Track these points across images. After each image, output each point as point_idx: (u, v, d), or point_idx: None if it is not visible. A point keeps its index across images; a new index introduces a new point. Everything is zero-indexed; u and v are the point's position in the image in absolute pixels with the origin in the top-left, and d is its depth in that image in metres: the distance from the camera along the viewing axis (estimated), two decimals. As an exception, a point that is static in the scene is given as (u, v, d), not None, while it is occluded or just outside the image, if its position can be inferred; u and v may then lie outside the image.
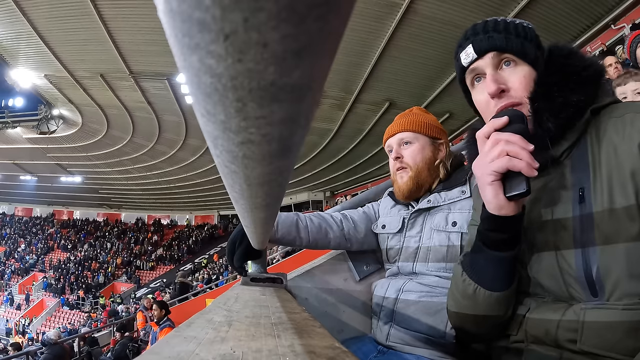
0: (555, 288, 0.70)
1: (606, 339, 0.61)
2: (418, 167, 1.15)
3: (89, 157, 20.11)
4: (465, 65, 0.80)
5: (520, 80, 0.75)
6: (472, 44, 0.78)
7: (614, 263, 0.62)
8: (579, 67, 0.73)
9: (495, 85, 0.74)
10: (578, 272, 0.66)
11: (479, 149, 0.71)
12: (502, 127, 0.69)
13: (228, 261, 1.06)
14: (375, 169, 17.61)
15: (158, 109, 13.99)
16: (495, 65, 0.76)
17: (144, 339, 7.49)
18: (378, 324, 1.12)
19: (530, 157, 0.64)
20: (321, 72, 0.17)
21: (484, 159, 0.69)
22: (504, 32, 0.76)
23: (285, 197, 0.49)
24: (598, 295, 0.64)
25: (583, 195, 0.67)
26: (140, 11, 8.68)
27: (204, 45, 0.14)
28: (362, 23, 8.31)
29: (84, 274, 23.91)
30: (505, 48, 0.75)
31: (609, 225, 0.64)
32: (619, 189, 0.64)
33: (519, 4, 7.66)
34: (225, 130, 0.19)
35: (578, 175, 0.69)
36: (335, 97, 11.79)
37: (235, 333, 0.41)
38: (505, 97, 0.75)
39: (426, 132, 1.18)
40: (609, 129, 0.69)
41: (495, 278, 0.73)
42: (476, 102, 0.82)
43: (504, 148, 0.66)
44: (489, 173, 0.67)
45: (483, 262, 0.74)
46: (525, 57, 0.76)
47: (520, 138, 0.66)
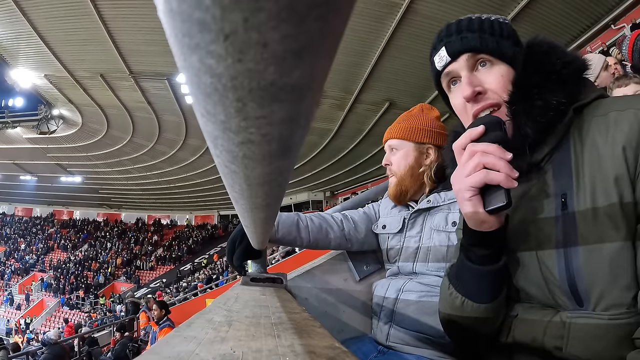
0: (542, 296, 0.68)
1: (592, 347, 0.60)
2: (402, 174, 1.17)
3: (89, 157, 20.11)
4: (440, 69, 0.77)
5: (497, 80, 0.71)
6: (445, 46, 0.75)
7: (598, 272, 0.60)
8: (558, 65, 0.68)
9: (470, 88, 0.71)
10: (562, 282, 0.64)
11: (457, 160, 0.68)
12: (478, 137, 0.65)
13: (228, 261, 1.06)
14: (375, 169, 17.62)
15: (158, 109, 13.99)
16: (470, 67, 0.73)
17: (143, 339, 7.49)
18: (378, 324, 1.12)
19: (508, 168, 0.61)
20: (321, 72, 0.17)
21: (460, 172, 0.65)
22: (479, 31, 0.72)
23: (285, 197, 0.49)
24: (584, 305, 0.62)
25: (565, 202, 0.64)
26: (140, 11, 8.68)
27: (204, 45, 0.14)
28: (362, 23, 8.31)
29: (84, 274, 23.92)
30: (479, 48, 0.72)
31: (592, 232, 0.61)
32: (602, 195, 0.61)
33: (519, 4, 7.66)
34: (225, 130, 0.19)
35: (560, 181, 0.66)
36: (335, 97, 11.79)
37: (235, 333, 0.41)
38: (482, 99, 0.71)
39: (411, 138, 1.18)
40: (592, 129, 0.65)
41: (480, 291, 0.70)
42: (454, 106, 0.78)
43: (480, 160, 0.62)
44: (466, 188, 0.64)
45: (468, 275, 0.72)
46: (502, 57, 0.72)
47: (497, 147, 0.63)
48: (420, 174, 1.17)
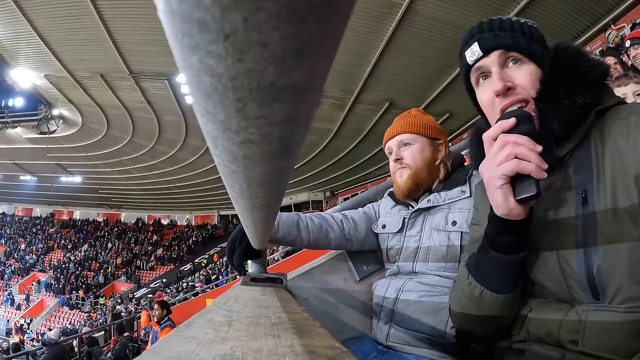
0: (558, 290, 0.69)
1: (607, 341, 0.61)
2: (418, 167, 1.16)
3: (89, 157, 20.11)
4: (471, 63, 0.79)
5: (527, 78, 0.74)
6: (477, 41, 0.77)
7: (616, 266, 0.62)
8: (585, 68, 0.71)
9: (502, 82, 0.73)
10: (580, 275, 0.65)
11: (486, 151, 0.70)
12: (509, 129, 0.67)
13: (228, 261, 1.06)
14: (375, 169, 17.62)
15: (158, 109, 13.99)
16: (501, 63, 0.75)
17: (144, 339, 7.49)
18: (378, 324, 1.12)
19: (539, 159, 0.63)
20: (321, 72, 0.17)
21: (491, 161, 0.67)
22: (510, 30, 0.75)
23: (285, 197, 0.49)
24: (600, 298, 0.63)
25: (586, 197, 0.66)
26: (140, 11, 8.68)
27: (204, 45, 0.14)
28: (362, 23, 8.31)
29: (84, 274, 23.91)
30: (511, 46, 0.75)
31: (611, 228, 0.63)
32: (623, 193, 0.63)
33: (519, 3, 7.66)
34: (225, 130, 0.19)
35: (581, 177, 0.68)
36: (335, 97, 11.79)
37: (235, 333, 0.41)
38: (511, 94, 0.74)
39: (425, 133, 1.19)
40: (613, 131, 0.68)
41: (502, 281, 0.72)
42: (481, 101, 0.80)
43: (512, 151, 0.65)
44: (497, 176, 0.65)
45: (490, 265, 0.73)
46: (532, 56, 0.75)
47: (528, 139, 0.65)
48: (436, 167, 1.18)
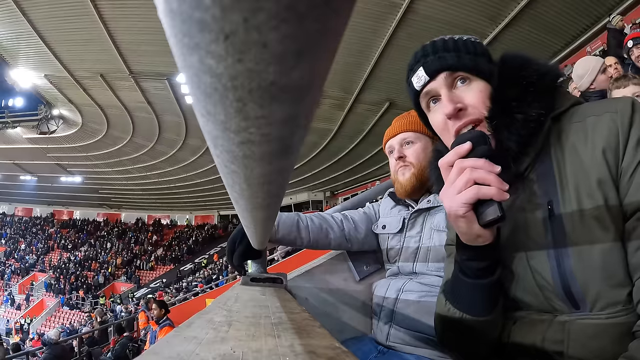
0: (537, 303, 0.69)
1: (592, 347, 0.61)
2: (421, 165, 1.15)
3: (89, 157, 20.11)
4: (418, 89, 0.77)
5: (476, 96, 0.72)
6: (422, 66, 0.75)
7: (591, 273, 0.61)
8: (534, 77, 0.70)
9: (452, 105, 0.72)
10: (556, 286, 0.65)
11: (444, 178, 0.67)
12: (466, 154, 0.64)
13: (228, 261, 1.06)
14: (375, 169, 17.61)
15: (158, 109, 13.99)
16: (449, 85, 0.74)
17: (143, 339, 7.49)
18: (378, 324, 1.12)
19: (498, 181, 0.61)
20: (321, 72, 0.17)
21: (451, 189, 0.64)
22: (454, 50, 0.74)
23: (285, 197, 0.49)
24: (580, 307, 0.63)
25: (552, 209, 0.66)
26: (140, 11, 8.68)
27: (204, 45, 0.14)
28: (362, 23, 8.31)
29: (84, 274, 23.91)
30: (457, 66, 0.73)
31: (581, 236, 0.62)
32: (587, 198, 0.62)
33: (519, 4, 7.65)
34: (225, 130, 0.19)
35: (545, 189, 0.68)
36: (335, 97, 11.79)
37: (235, 333, 0.41)
38: (463, 115, 0.72)
39: (427, 132, 1.18)
40: (571, 136, 0.67)
41: (479, 305, 0.71)
42: (434, 125, 0.79)
43: (471, 176, 0.62)
44: (459, 206, 0.63)
45: (465, 291, 0.72)
46: (479, 73, 0.73)
47: (486, 161, 0.62)
48: None
